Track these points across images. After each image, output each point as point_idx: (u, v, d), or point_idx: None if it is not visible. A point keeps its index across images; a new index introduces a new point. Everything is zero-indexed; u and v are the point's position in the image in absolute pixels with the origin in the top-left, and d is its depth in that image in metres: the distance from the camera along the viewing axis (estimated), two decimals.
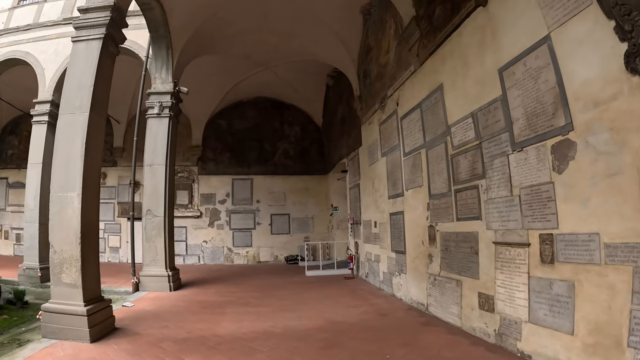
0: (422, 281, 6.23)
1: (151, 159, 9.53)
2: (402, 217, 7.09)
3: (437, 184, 5.76)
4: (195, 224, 15.00)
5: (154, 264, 9.15)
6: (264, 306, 6.98)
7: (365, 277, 9.59)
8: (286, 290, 8.57)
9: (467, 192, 4.99)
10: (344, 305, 6.81)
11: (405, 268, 6.93)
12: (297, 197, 15.51)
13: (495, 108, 4.47)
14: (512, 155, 4.21)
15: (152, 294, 8.54)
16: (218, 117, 15.61)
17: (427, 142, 6.10)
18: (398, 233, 7.27)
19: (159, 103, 9.70)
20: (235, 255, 14.90)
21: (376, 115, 8.61)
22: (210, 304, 7.33)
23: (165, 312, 6.75)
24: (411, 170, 6.70)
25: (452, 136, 5.36)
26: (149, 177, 9.48)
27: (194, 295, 8.27)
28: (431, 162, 5.96)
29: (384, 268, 8.12)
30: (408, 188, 6.85)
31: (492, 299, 4.52)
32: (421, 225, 6.27)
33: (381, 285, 8.31)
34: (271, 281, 10.09)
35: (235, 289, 8.99)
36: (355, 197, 10.64)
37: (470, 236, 4.93)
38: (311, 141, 15.97)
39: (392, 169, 7.64)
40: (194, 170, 15.31)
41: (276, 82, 14.43)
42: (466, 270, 5.01)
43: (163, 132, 9.62)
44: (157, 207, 9.28)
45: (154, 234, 9.26)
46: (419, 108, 6.39)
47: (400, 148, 7.21)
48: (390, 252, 7.73)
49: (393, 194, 7.57)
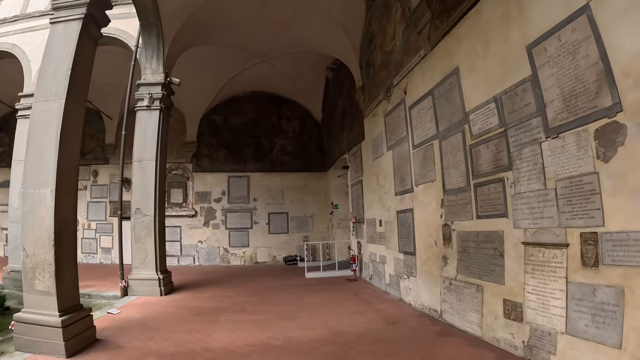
0: (435, 285, 5.67)
1: (140, 154, 8.98)
2: (411, 215, 6.53)
3: (453, 178, 5.20)
4: (190, 223, 14.41)
5: (144, 266, 8.59)
6: (261, 313, 6.41)
7: (369, 280, 9.03)
8: (285, 294, 8.00)
9: (490, 186, 4.43)
10: (349, 312, 6.25)
11: (415, 271, 6.37)
12: (296, 195, 14.92)
13: (524, 90, 3.91)
14: (546, 143, 3.65)
15: (142, 298, 8.00)
16: (213, 112, 15.03)
17: (441, 132, 5.54)
18: (406, 232, 6.71)
19: (148, 95, 9.15)
20: (232, 255, 14.32)
21: (381, 107, 8.05)
22: (203, 310, 6.77)
23: (154, 320, 6.19)
24: (422, 164, 6.14)
25: (470, 124, 4.80)
26: (138, 173, 8.92)
27: (186, 300, 7.71)
28: (446, 153, 5.40)
29: (390, 270, 7.56)
30: (418, 183, 6.29)
31: (520, 307, 3.97)
32: (434, 223, 5.71)
33: (387, 289, 7.75)
34: (269, 284, 9.52)
35: (231, 292, 8.42)
36: (357, 195, 10.08)
37: (493, 236, 4.37)
38: (310, 137, 15.38)
39: (399, 163, 7.08)
40: (189, 167, 14.72)
41: (274, 76, 13.87)
42: (489, 274, 4.45)
43: (153, 126, 9.06)
44: (146, 206, 8.72)
45: (143, 235, 8.70)
46: (430, 95, 5.83)
47: (408, 140, 6.65)
48: (397, 253, 7.17)
49: (401, 190, 7.01)
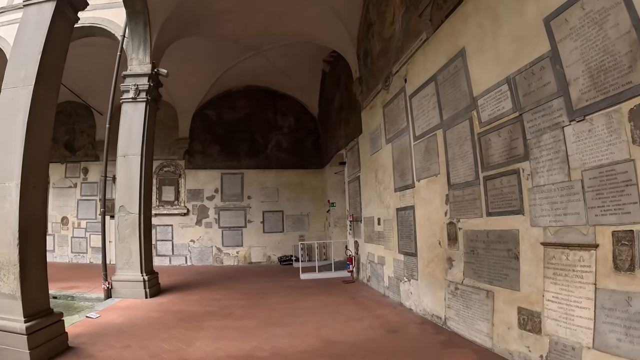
0: (439, 290, 5.16)
1: (125, 149, 8.50)
2: (412, 212, 6.02)
3: (460, 170, 4.69)
4: (182, 222, 13.90)
5: (128, 267, 8.11)
6: (249, 318, 5.91)
7: (367, 281, 8.52)
8: (277, 297, 7.49)
9: (503, 179, 3.92)
10: (345, 318, 5.74)
11: (417, 273, 5.87)
12: (291, 193, 14.41)
13: (542, 68, 3.42)
14: (570, 127, 3.16)
15: (125, 301, 7.54)
16: (206, 107, 14.54)
17: (445, 120, 5.03)
18: (407, 232, 6.20)
19: (134, 86, 8.68)
20: (225, 255, 13.80)
21: (379, 97, 7.54)
22: (188, 315, 6.27)
23: (134, 325, 5.71)
24: (424, 157, 5.63)
25: (479, 110, 4.29)
26: (123, 169, 8.45)
27: (172, 304, 7.21)
28: (451, 144, 4.89)
29: (389, 272, 7.06)
30: (420, 178, 5.78)
31: (538, 317, 3.46)
32: (437, 222, 5.21)
33: (386, 292, 7.25)
34: (261, 285, 9.01)
35: (220, 295, 7.91)
36: (354, 192, 9.58)
37: (507, 235, 3.87)
38: (306, 132, 14.87)
39: (399, 157, 6.57)
40: (181, 164, 14.20)
41: (268, 69, 13.38)
42: (501, 278, 3.95)
43: (139, 119, 8.59)
44: (131, 203, 8.24)
45: (127, 234, 8.21)
46: (433, 81, 5.33)
47: (409, 131, 6.14)
48: (397, 253, 6.67)
49: (401, 185, 6.51)
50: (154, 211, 13.62)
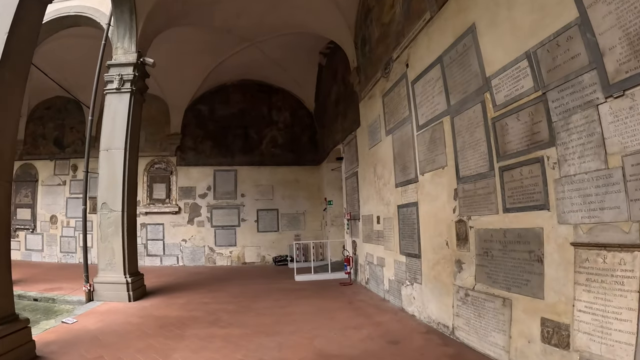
0: (446, 296, 4.64)
1: (108, 142, 8.00)
2: (415, 209, 5.50)
3: (470, 161, 4.17)
4: (173, 220, 13.36)
5: (110, 268, 7.60)
6: (236, 326, 5.39)
7: (366, 284, 8.00)
8: (269, 301, 6.97)
9: (523, 169, 3.40)
10: (341, 326, 5.21)
11: (420, 277, 5.34)
12: (287, 191, 13.86)
13: (569, 38, 2.91)
14: (606, 105, 2.65)
15: (107, 304, 7.06)
16: (199, 102, 14.00)
17: (453, 106, 4.51)
18: (410, 231, 5.68)
19: (119, 76, 8.18)
20: (218, 255, 13.26)
21: (378, 86, 7.03)
22: (170, 321, 5.75)
23: (110, 333, 5.22)
24: (428, 147, 5.10)
25: (493, 92, 3.78)
26: (105, 163, 7.94)
27: (156, 308, 6.70)
28: (460, 132, 4.36)
29: (389, 275, 6.54)
30: (424, 171, 5.25)
31: (566, 329, 2.95)
32: (444, 219, 4.68)
33: (386, 296, 6.73)
34: (253, 288, 8.49)
35: (209, 298, 7.38)
36: (352, 188, 9.06)
37: (528, 235, 3.34)
38: (302, 128, 14.33)
39: (400, 149, 6.05)
40: (172, 160, 13.66)
41: (263, 62, 12.85)
42: (520, 284, 3.43)
43: (123, 110, 8.10)
44: (113, 200, 7.74)
45: (110, 232, 7.70)
46: (438, 63, 4.81)
47: (411, 120, 5.63)
48: (398, 254, 6.15)
49: (402, 180, 5.98)
50: (145, 209, 13.15)
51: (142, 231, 13.21)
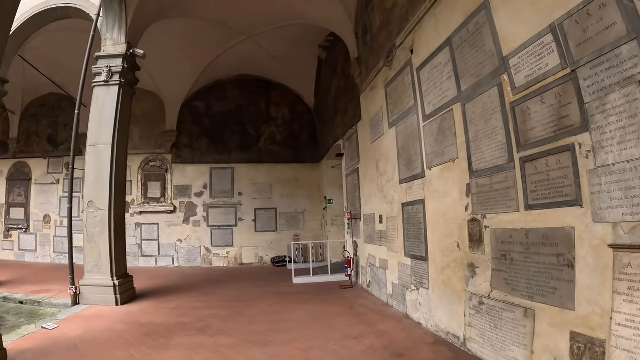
0: (457, 303, 4.18)
1: (95, 138, 7.61)
2: (422, 207, 5.03)
3: (486, 152, 3.70)
4: (168, 220, 12.92)
5: (97, 270, 7.20)
6: (226, 334, 4.95)
7: (367, 287, 7.55)
8: (264, 306, 6.52)
9: (549, 159, 2.94)
10: (340, 335, 4.75)
11: (428, 281, 4.88)
12: (286, 189, 13.40)
13: (602, 6, 2.47)
14: None
15: (93, 309, 6.68)
16: (195, 98, 13.56)
17: (464, 92, 4.05)
18: (416, 231, 5.23)
19: (107, 68, 7.78)
20: (214, 256, 12.82)
21: (381, 76, 6.58)
22: (156, 328, 5.33)
23: (91, 341, 4.82)
24: (437, 139, 4.64)
25: (511, 73, 3.32)
26: (92, 159, 7.55)
27: (143, 313, 6.27)
28: (473, 120, 3.91)
29: (393, 278, 6.09)
30: (432, 165, 4.79)
31: (601, 346, 2.50)
32: (455, 219, 4.22)
33: (389, 301, 6.27)
34: (249, 291, 8.04)
35: (200, 302, 6.95)
36: (353, 186, 8.61)
37: (556, 235, 2.88)
38: (302, 124, 13.86)
39: (405, 142, 5.60)
40: (168, 158, 13.21)
41: (261, 57, 12.41)
42: (546, 293, 2.97)
43: (111, 104, 7.70)
44: (100, 198, 7.34)
45: (96, 232, 7.29)
46: (447, 46, 4.35)
47: (417, 110, 5.17)
48: (403, 257, 5.69)
49: (407, 176, 5.52)
50: (139, 209, 12.73)
51: (136, 231, 12.82)
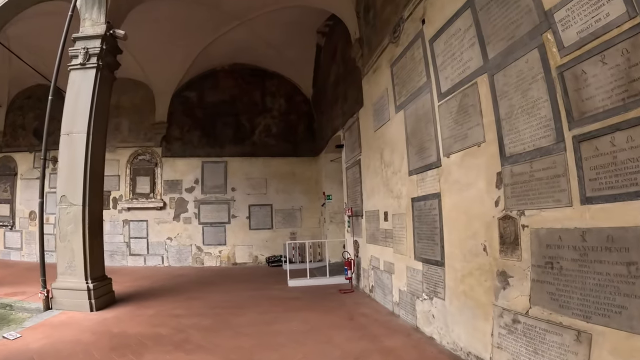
0: (482, 319, 3.44)
1: (69, 126, 6.94)
2: (437, 203, 4.29)
3: (524, 132, 2.94)
4: (157, 217, 12.18)
5: (70, 272, 6.53)
6: (206, 351, 4.23)
7: (370, 292, 6.82)
8: (253, 314, 5.80)
9: (616, 136, 2.18)
10: (340, 353, 4.02)
11: (443, 290, 4.14)
12: (282, 184, 12.63)
13: None
14: None
15: (65, 314, 6.05)
16: (187, 88, 12.82)
17: (493, 59, 3.30)
18: (429, 230, 4.48)
19: (84, 50, 7.11)
20: (206, 255, 12.08)
21: (385, 55, 5.84)
22: (128, 340, 4.63)
23: (51, 354, 4.26)
24: (456, 120, 3.89)
25: (557, 29, 2.57)
26: (66, 150, 6.86)
27: (117, 321, 5.57)
28: (505, 93, 3.15)
29: (400, 284, 5.35)
30: (451, 152, 4.03)
31: None
32: (481, 215, 3.47)
33: (395, 309, 5.54)
34: (239, 295, 7.31)
35: (183, 309, 6.23)
36: (354, 180, 7.87)
37: (627, 237, 2.13)
38: (299, 116, 13.09)
39: (416, 127, 4.85)
40: (157, 151, 12.46)
41: (256, 44, 11.69)
42: (610, 312, 2.23)
43: (87, 88, 7.02)
44: (73, 192, 6.65)
45: (69, 230, 6.61)
46: (468, 8, 3.60)
47: (430, 88, 4.42)
48: (412, 260, 4.94)
49: (419, 166, 4.77)
50: (127, 205, 12.02)
51: (124, 228, 12.13)
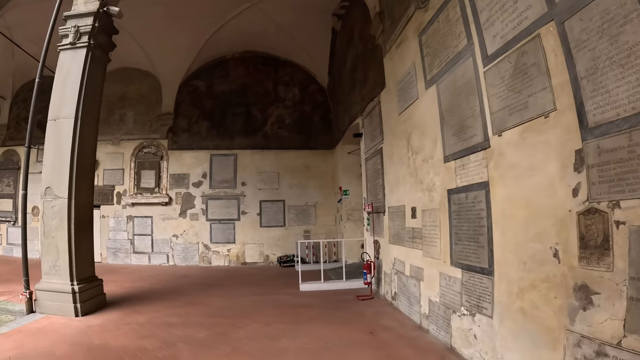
0: (548, 347, 2.53)
1: (57, 111, 6.31)
2: (484, 194, 3.40)
3: (616, 92, 2.01)
4: (163, 212, 11.52)
5: (55, 272, 5.88)
6: None
7: (392, 300, 5.96)
8: (257, 325, 5.00)
9: None
10: None
11: (491, 305, 3.26)
12: (295, 179, 11.83)
13: None
14: None
15: (47, 319, 5.42)
16: (195, 77, 12.17)
17: (562, 2, 2.37)
18: (472, 230, 3.59)
19: (74, 28, 6.47)
20: (214, 254, 11.36)
21: (412, 25, 4.97)
22: (106, 355, 3.93)
23: None
24: (511, 85, 2.99)
25: None
26: (52, 137, 6.25)
27: (102, 330, 4.87)
28: (582, 42, 2.21)
29: (431, 294, 4.47)
30: (504, 127, 3.12)
31: None
32: (550, 209, 2.58)
33: (423, 322, 4.67)
34: (244, 300, 6.53)
35: (179, 316, 5.48)
36: (374, 172, 7.00)
37: None
38: (313, 106, 12.25)
39: (453, 102, 3.95)
40: (163, 144, 11.80)
41: (267, 29, 10.95)
42: None
43: (77, 69, 6.38)
44: (59, 183, 5.99)
45: (54, 226, 5.95)
46: None
47: (472, 52, 3.52)
48: (448, 265, 4.05)
49: (458, 149, 3.87)
50: (131, 200, 11.39)
51: (128, 225, 11.52)
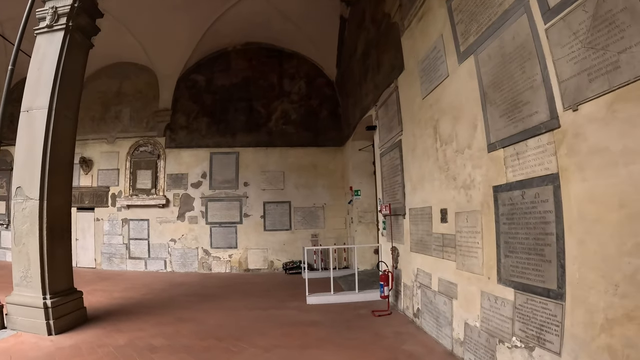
0: None
1: (30, 101, 5.63)
2: (551, 190, 2.53)
3: None
4: (160, 215, 10.76)
5: (26, 283, 5.21)
6: None
7: (414, 317, 5.11)
8: (256, 351, 4.19)
9: None
10: None
11: (559, 338, 2.37)
12: (302, 178, 11.03)
13: None
14: None
15: (16, 337, 4.80)
16: (194, 71, 11.46)
17: None
18: (531, 237, 2.72)
19: (52, 10, 5.74)
20: (214, 260, 10.58)
21: None
22: None
23: None
24: (589, 41, 2.10)
25: None
26: (24, 130, 5.56)
27: (74, 354, 4.17)
28: None
29: (468, 316, 3.62)
30: (581, 99, 2.22)
31: None
32: None
33: (456, 349, 3.82)
34: (243, 316, 5.72)
35: (164, 338, 4.68)
36: (392, 168, 6.16)
37: None
38: (321, 100, 11.44)
39: (499, 73, 3.09)
40: (160, 142, 11.06)
41: (271, 18, 10.21)
42: None
43: (52, 54, 5.75)
44: (30, 183, 5.27)
45: (24, 231, 5.25)
46: None
47: (527, 6, 2.64)
48: (493, 282, 3.19)
49: (510, 133, 2.99)
50: (127, 202, 10.66)
51: (123, 228, 10.80)
